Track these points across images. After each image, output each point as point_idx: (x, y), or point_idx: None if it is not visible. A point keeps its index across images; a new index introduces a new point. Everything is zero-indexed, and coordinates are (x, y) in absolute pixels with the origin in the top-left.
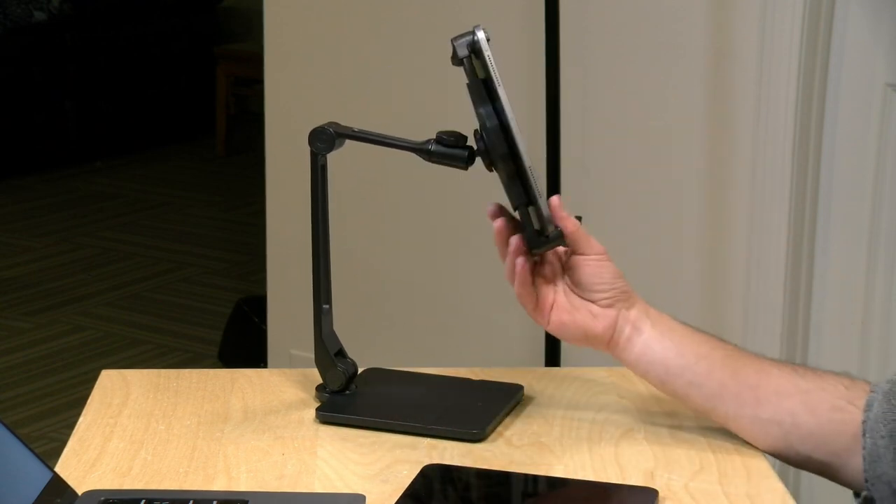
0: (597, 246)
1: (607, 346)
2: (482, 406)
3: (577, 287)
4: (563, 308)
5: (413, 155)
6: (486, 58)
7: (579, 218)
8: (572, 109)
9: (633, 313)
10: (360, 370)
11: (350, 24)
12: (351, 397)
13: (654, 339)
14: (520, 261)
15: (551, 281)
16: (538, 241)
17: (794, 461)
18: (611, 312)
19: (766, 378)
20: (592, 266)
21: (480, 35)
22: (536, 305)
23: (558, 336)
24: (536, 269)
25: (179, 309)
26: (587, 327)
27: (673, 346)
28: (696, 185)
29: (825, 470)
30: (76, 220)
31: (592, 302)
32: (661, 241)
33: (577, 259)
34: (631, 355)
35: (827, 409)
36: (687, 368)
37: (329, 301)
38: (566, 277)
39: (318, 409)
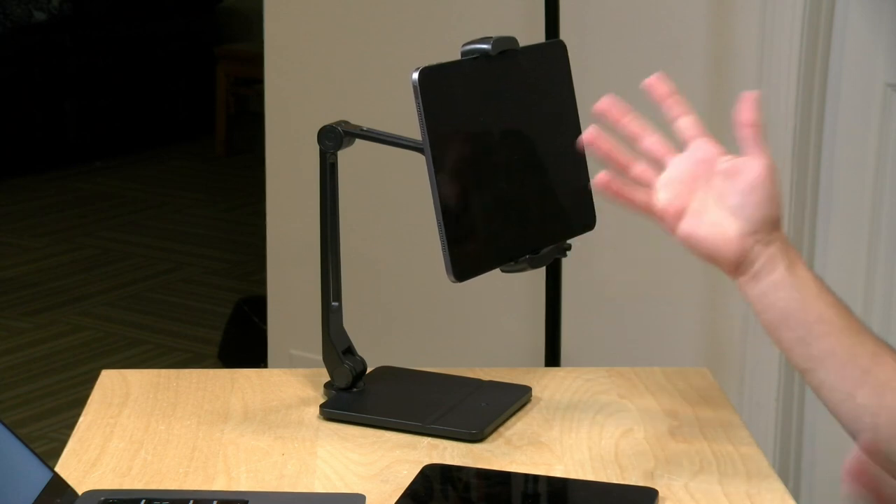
0: (759, 163)
1: (733, 273)
2: (486, 406)
3: (724, 199)
4: (696, 218)
5: (420, 154)
6: (417, 105)
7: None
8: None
9: (772, 249)
10: (371, 368)
11: (350, 24)
12: (357, 395)
13: (783, 284)
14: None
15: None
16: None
17: (876, 458)
18: (748, 240)
19: (878, 364)
20: (747, 182)
21: (414, 77)
22: (652, 207)
23: (685, 244)
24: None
25: (179, 309)
26: (720, 240)
27: (799, 297)
28: None
29: None
30: (76, 220)
31: (734, 218)
32: (661, 240)
33: (744, 161)
34: (753, 290)
35: None
36: (804, 324)
37: (339, 299)
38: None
39: (321, 406)
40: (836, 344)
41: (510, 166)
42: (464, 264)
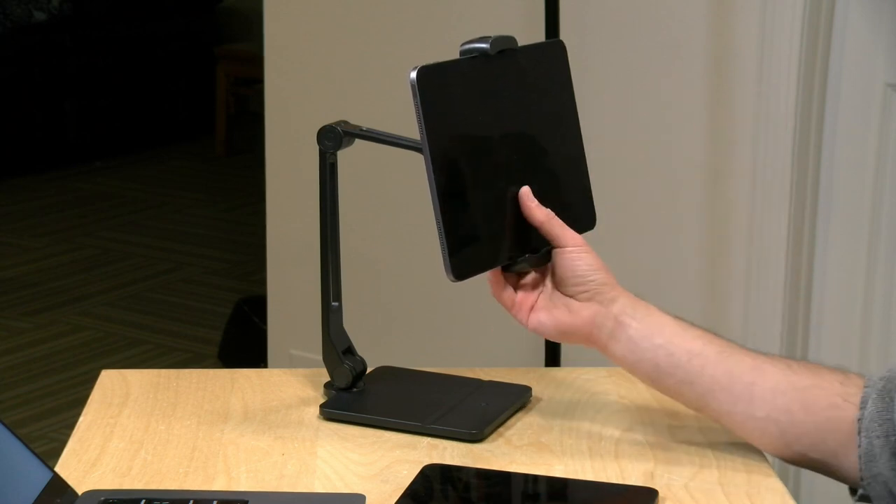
0: (572, 237)
1: (589, 342)
2: (486, 407)
3: (556, 282)
4: (542, 306)
5: (419, 154)
6: (415, 104)
7: None
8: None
9: (616, 307)
10: (371, 368)
11: (350, 24)
12: (357, 395)
13: (641, 336)
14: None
15: (532, 282)
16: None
17: (790, 459)
18: (589, 307)
19: (760, 375)
20: (567, 259)
21: (412, 75)
22: (514, 304)
23: (539, 334)
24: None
25: (179, 309)
26: (564, 323)
27: (663, 344)
28: (696, 185)
29: (822, 467)
30: (76, 220)
31: (571, 297)
32: (661, 240)
33: (553, 252)
34: (616, 352)
35: (823, 408)
36: (678, 367)
37: (339, 298)
38: (549, 275)
39: (321, 406)
40: (715, 372)
41: (509, 166)
42: (462, 264)
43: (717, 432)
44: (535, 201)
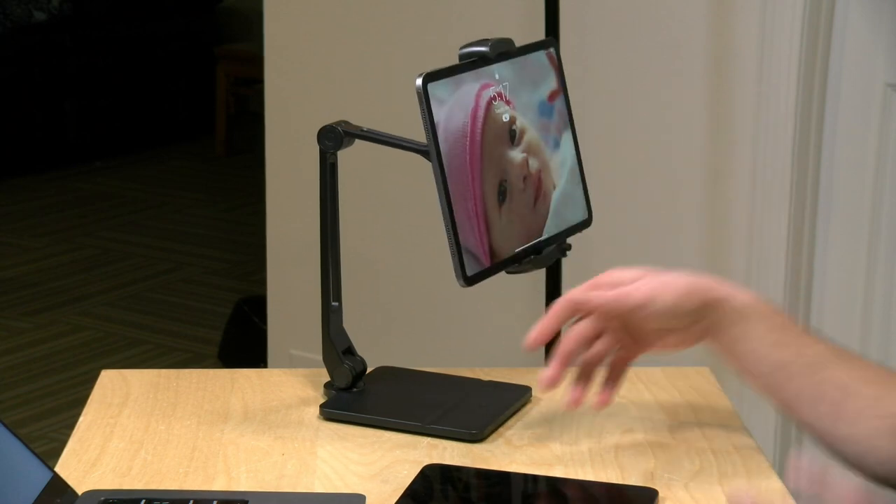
0: (635, 298)
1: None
2: (486, 407)
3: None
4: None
5: (419, 155)
6: (422, 111)
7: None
8: (572, 109)
9: (700, 328)
10: (371, 368)
11: (350, 24)
12: (357, 395)
13: (728, 348)
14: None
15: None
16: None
17: (871, 480)
18: (679, 338)
19: (849, 397)
20: (644, 322)
21: (418, 82)
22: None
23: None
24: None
25: (179, 309)
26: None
27: (750, 352)
28: (696, 186)
29: None
30: (76, 220)
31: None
32: (660, 240)
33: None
34: (717, 351)
35: None
36: (763, 376)
37: (339, 299)
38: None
39: (321, 406)
40: (800, 385)
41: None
42: (473, 269)
43: (717, 432)
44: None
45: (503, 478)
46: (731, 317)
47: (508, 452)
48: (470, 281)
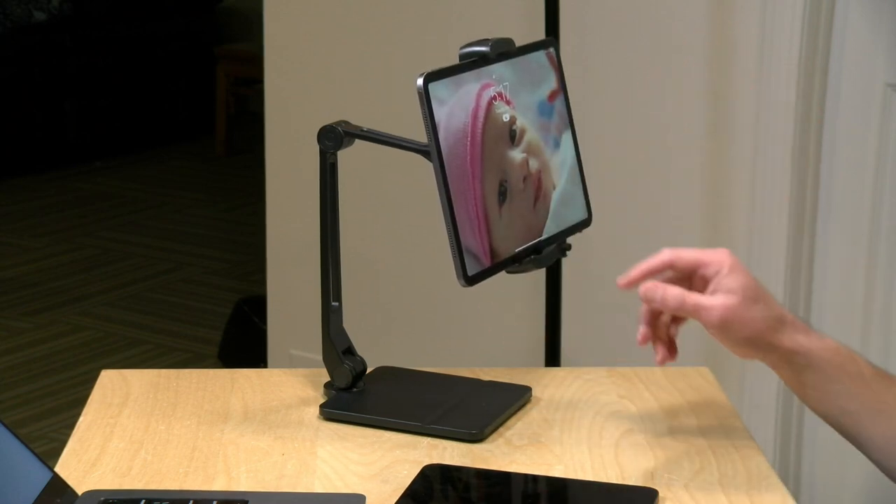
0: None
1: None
2: (486, 407)
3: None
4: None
5: (419, 155)
6: (423, 111)
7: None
8: (571, 109)
9: (768, 357)
10: (371, 368)
11: (350, 24)
12: (357, 395)
13: (792, 385)
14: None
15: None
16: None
17: None
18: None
19: (884, 421)
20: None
21: (419, 82)
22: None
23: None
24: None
25: (179, 309)
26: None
27: (819, 396)
28: (695, 185)
29: None
30: (76, 220)
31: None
32: (660, 240)
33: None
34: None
35: None
36: (831, 419)
37: (339, 299)
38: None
39: (321, 406)
40: (869, 431)
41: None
42: (474, 269)
43: (717, 432)
44: (663, 288)
45: (503, 478)
46: (797, 366)
47: (508, 452)
48: (471, 281)
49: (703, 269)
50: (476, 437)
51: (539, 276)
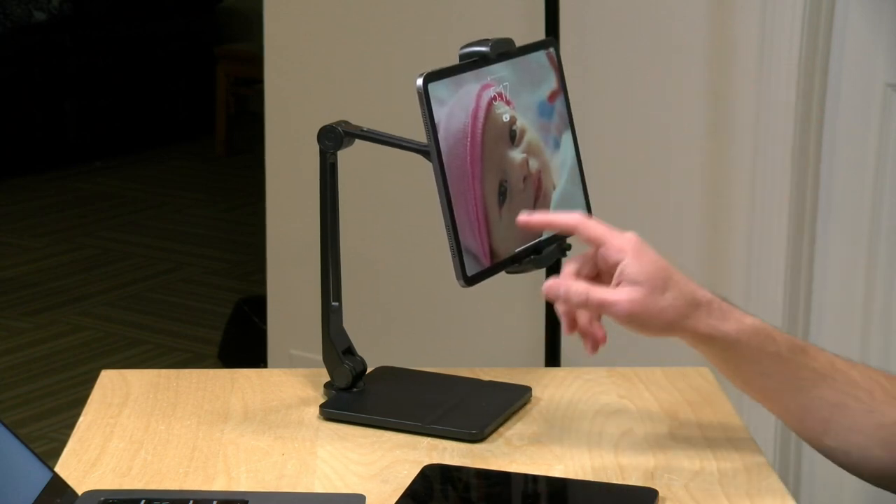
0: (616, 245)
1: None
2: (486, 407)
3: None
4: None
5: (419, 155)
6: (423, 111)
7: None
8: (571, 109)
9: (685, 339)
10: (371, 368)
11: (350, 24)
12: (357, 395)
13: (713, 363)
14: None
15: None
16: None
17: (868, 481)
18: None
19: (839, 412)
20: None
21: (419, 82)
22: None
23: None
24: None
25: (179, 309)
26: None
27: (738, 375)
28: (695, 185)
29: None
30: (76, 220)
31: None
32: (660, 240)
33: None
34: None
35: None
36: (750, 393)
37: (339, 299)
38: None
39: (321, 406)
40: (788, 404)
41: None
42: (473, 270)
43: (717, 432)
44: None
45: (503, 478)
46: (715, 349)
47: (508, 452)
48: (470, 281)
49: (604, 250)
50: (476, 437)
51: (539, 276)
